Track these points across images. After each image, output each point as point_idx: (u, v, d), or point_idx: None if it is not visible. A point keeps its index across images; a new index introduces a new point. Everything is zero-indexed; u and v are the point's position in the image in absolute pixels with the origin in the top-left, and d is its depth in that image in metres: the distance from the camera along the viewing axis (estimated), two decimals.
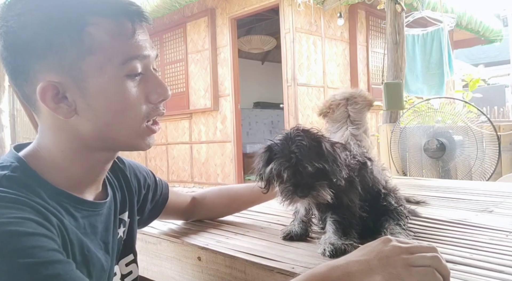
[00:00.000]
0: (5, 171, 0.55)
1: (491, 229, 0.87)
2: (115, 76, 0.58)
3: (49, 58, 0.55)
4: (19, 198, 0.51)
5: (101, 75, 0.57)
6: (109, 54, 0.57)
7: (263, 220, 1.02)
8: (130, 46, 0.58)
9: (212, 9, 5.25)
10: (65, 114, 0.57)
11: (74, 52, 0.56)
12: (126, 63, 0.58)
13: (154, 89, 0.62)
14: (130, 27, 0.59)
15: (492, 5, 6.83)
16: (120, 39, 0.58)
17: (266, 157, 0.72)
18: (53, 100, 0.56)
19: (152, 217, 0.91)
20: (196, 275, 0.82)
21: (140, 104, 0.61)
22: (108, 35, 0.57)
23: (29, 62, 0.56)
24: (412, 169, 2.83)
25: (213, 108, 5.27)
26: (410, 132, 2.82)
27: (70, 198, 0.60)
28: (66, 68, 0.56)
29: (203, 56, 5.38)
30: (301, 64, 4.71)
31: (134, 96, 0.60)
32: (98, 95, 0.58)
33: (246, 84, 6.65)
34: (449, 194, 1.32)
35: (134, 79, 0.60)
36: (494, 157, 2.48)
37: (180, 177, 5.77)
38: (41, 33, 0.55)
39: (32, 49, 0.55)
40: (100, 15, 0.57)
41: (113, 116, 0.59)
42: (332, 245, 0.72)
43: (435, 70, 4.76)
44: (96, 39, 0.56)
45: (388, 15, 3.40)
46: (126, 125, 0.61)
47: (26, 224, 0.47)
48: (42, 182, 0.57)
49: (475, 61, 9.65)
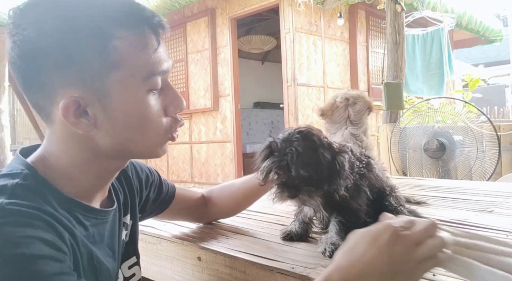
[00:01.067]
0: (17, 179, 0.53)
1: (491, 229, 0.87)
2: (137, 91, 0.57)
3: (70, 72, 0.53)
4: (32, 211, 0.49)
5: (123, 91, 0.55)
6: (133, 69, 0.55)
7: (263, 220, 1.02)
8: (153, 61, 0.57)
9: (212, 9, 5.25)
10: (85, 128, 0.56)
11: (98, 66, 0.53)
12: (149, 78, 0.57)
13: (171, 102, 0.62)
14: (155, 40, 0.57)
15: (492, 5, 6.83)
16: (144, 53, 0.56)
17: (265, 153, 0.72)
18: (74, 115, 0.54)
19: (154, 215, 0.90)
20: (196, 275, 0.82)
21: (159, 117, 0.60)
22: (133, 50, 0.55)
23: (48, 74, 0.53)
24: (412, 169, 2.83)
25: (213, 108, 5.27)
26: (410, 132, 2.82)
27: (80, 206, 0.59)
28: (89, 82, 0.54)
29: (203, 56, 5.38)
30: (301, 64, 4.71)
31: (154, 110, 0.59)
32: (120, 110, 0.56)
33: (246, 84, 6.65)
34: (449, 194, 1.32)
35: (155, 94, 0.59)
36: (494, 157, 2.48)
37: (180, 177, 5.77)
38: (62, 45, 0.52)
39: (52, 61, 0.52)
40: (125, 27, 0.54)
41: (133, 131, 0.58)
42: (333, 245, 0.72)
43: (435, 70, 4.76)
44: (122, 54, 0.54)
45: (388, 15, 3.40)
46: (146, 138, 0.60)
47: (35, 245, 0.47)
48: (52, 190, 0.55)
49: (475, 61, 9.65)
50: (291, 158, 0.68)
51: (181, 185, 5.99)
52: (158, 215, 0.91)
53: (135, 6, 0.57)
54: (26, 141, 7.36)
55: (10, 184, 0.52)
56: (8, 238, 0.45)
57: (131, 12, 0.56)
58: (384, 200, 0.82)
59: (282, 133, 0.73)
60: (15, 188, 0.51)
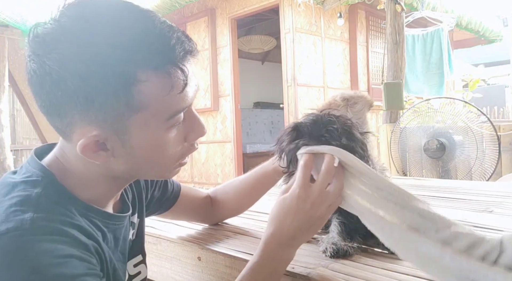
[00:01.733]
0: (38, 188, 0.53)
1: (491, 229, 0.87)
2: (159, 130, 0.55)
3: (90, 111, 0.51)
4: (61, 228, 0.50)
5: (144, 130, 0.54)
6: (157, 111, 0.53)
7: (263, 220, 1.02)
8: (178, 101, 0.54)
9: (212, 9, 5.25)
10: (102, 160, 0.55)
11: (119, 109, 0.51)
12: (172, 118, 0.55)
13: (193, 129, 0.61)
14: (182, 78, 0.53)
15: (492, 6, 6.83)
16: (170, 95, 0.52)
17: (292, 136, 0.70)
18: (92, 150, 0.54)
19: (158, 213, 0.89)
20: (196, 275, 0.82)
21: (178, 146, 0.59)
22: (158, 93, 0.51)
23: (68, 110, 0.51)
24: (412, 169, 2.83)
25: (213, 108, 5.27)
26: (410, 132, 2.83)
27: (98, 213, 0.59)
28: (109, 122, 0.52)
29: (203, 56, 5.38)
30: (301, 64, 4.70)
31: (173, 142, 0.58)
32: (139, 147, 0.55)
33: (246, 84, 6.65)
34: (449, 194, 1.32)
35: (177, 127, 0.58)
36: (494, 157, 2.48)
37: (180, 177, 5.76)
38: (83, 86, 0.49)
39: (72, 99, 0.50)
40: (149, 68, 0.50)
41: (150, 162, 0.58)
42: (334, 245, 0.71)
43: (435, 70, 4.76)
44: (145, 97, 0.51)
45: (388, 15, 3.40)
46: (162, 166, 0.61)
47: (71, 263, 0.48)
48: (71, 198, 0.56)
49: (475, 61, 9.65)
50: (332, 137, 0.66)
51: None
52: (163, 214, 0.91)
53: (162, 42, 0.51)
54: (26, 141, 7.36)
55: (34, 194, 0.52)
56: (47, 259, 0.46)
57: (157, 51, 0.51)
58: None
59: (306, 116, 0.71)
60: (40, 200, 0.52)
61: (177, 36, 0.53)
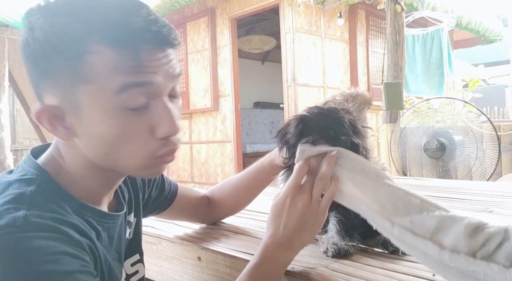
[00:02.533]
0: (33, 186, 0.53)
1: None
2: (109, 107, 0.52)
3: (48, 80, 0.53)
4: (54, 225, 0.50)
5: (94, 105, 0.52)
6: (106, 85, 0.51)
7: (263, 220, 1.02)
8: (128, 73, 0.52)
9: (212, 9, 5.25)
10: (63, 136, 0.55)
11: (68, 78, 0.52)
12: (121, 92, 0.51)
13: (160, 124, 0.55)
14: (136, 53, 0.52)
15: (492, 6, 6.82)
16: (119, 67, 0.51)
17: (299, 129, 0.70)
18: (49, 122, 0.54)
19: (156, 213, 0.89)
20: (196, 275, 0.82)
21: (142, 138, 0.55)
22: (107, 65, 0.51)
23: (35, 80, 0.55)
24: (412, 169, 2.83)
25: (213, 108, 5.27)
26: (410, 132, 2.83)
27: (93, 211, 0.59)
28: (62, 92, 0.53)
29: (203, 56, 5.38)
30: (301, 64, 4.70)
31: (132, 130, 0.54)
32: (92, 125, 0.53)
33: (246, 84, 6.65)
34: (449, 194, 1.31)
35: (135, 111, 0.53)
36: (494, 157, 2.48)
37: (180, 177, 5.76)
38: (42, 54, 0.52)
39: (37, 67, 0.54)
40: (105, 42, 0.51)
41: (109, 148, 0.55)
42: (335, 245, 0.71)
43: (435, 70, 4.77)
44: (93, 69, 0.51)
45: (388, 15, 3.40)
46: (127, 157, 0.56)
47: (64, 260, 0.48)
48: (65, 196, 0.56)
49: (475, 61, 9.65)
50: (340, 129, 0.67)
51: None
52: (161, 214, 0.91)
53: (124, 20, 0.51)
54: (26, 141, 7.36)
55: (28, 192, 0.52)
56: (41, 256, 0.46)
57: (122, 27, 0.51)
58: None
59: (310, 109, 0.71)
60: (33, 197, 0.52)
61: (150, 20, 0.53)
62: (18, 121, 7.39)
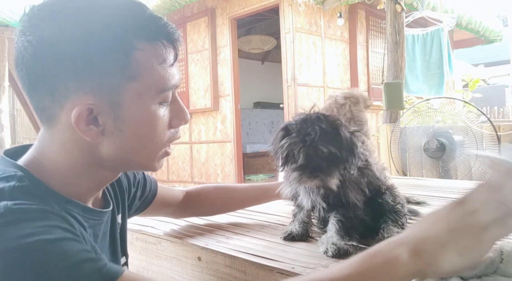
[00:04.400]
0: (13, 181, 0.51)
1: None
2: (150, 103, 0.57)
3: (87, 78, 0.52)
4: (39, 207, 0.49)
5: (137, 102, 0.55)
6: (150, 82, 0.55)
7: (263, 220, 1.02)
8: (168, 76, 0.57)
9: (212, 9, 5.25)
10: (93, 136, 0.55)
11: (118, 76, 0.53)
12: (162, 93, 0.57)
13: (177, 115, 0.62)
14: (172, 54, 0.57)
15: (492, 5, 6.83)
16: (162, 67, 0.56)
17: (281, 135, 0.72)
18: (85, 122, 0.54)
19: (137, 213, 0.89)
20: (196, 275, 0.82)
21: (164, 130, 0.60)
22: (152, 63, 0.55)
23: (64, 79, 0.52)
24: (412, 169, 2.83)
25: (213, 108, 5.27)
26: (410, 132, 2.83)
27: (79, 207, 0.58)
28: (105, 91, 0.53)
29: (203, 56, 5.38)
30: (301, 64, 4.70)
31: (162, 122, 0.59)
32: (131, 121, 0.56)
33: (246, 84, 6.65)
34: (449, 194, 1.31)
35: (164, 107, 0.59)
36: None
37: (180, 177, 5.77)
38: (84, 51, 0.51)
39: (70, 65, 0.51)
40: (145, 39, 0.54)
41: (139, 141, 0.58)
42: (334, 245, 0.71)
43: (435, 70, 4.77)
44: (141, 66, 0.54)
45: (388, 15, 3.40)
46: (150, 149, 0.60)
47: (53, 231, 0.47)
48: (49, 192, 0.54)
49: (475, 61, 9.65)
50: (317, 136, 0.68)
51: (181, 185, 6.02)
52: (142, 213, 0.90)
53: (155, 19, 0.56)
54: (26, 141, 7.36)
55: (7, 187, 0.50)
56: (27, 230, 0.45)
57: (152, 24, 0.55)
58: (380, 198, 0.82)
59: (297, 116, 0.73)
60: (13, 191, 0.50)
61: (171, 23, 0.58)
62: (18, 121, 7.39)
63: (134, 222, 0.96)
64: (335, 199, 0.76)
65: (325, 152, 0.68)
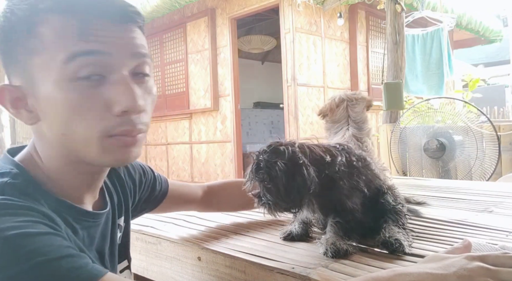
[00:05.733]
0: (6, 178, 0.51)
1: (491, 229, 0.87)
2: (60, 78, 0.50)
3: (8, 60, 0.54)
4: (25, 204, 0.48)
5: (46, 77, 0.51)
6: (54, 53, 0.50)
7: (263, 220, 1.02)
8: (77, 41, 0.50)
9: (212, 9, 5.25)
10: (26, 120, 0.54)
11: (21, 52, 0.52)
12: (70, 61, 0.50)
13: (116, 97, 0.52)
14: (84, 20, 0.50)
15: (492, 5, 6.83)
16: (67, 34, 0.50)
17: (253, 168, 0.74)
18: (11, 104, 0.53)
19: (147, 211, 0.89)
20: (196, 275, 0.82)
21: (96, 113, 0.52)
22: (55, 33, 0.50)
23: (4, 65, 0.55)
24: (412, 169, 2.83)
25: (213, 108, 5.27)
26: (410, 132, 2.83)
27: (70, 208, 0.56)
28: (21, 70, 0.53)
29: (203, 56, 5.38)
30: (301, 64, 4.70)
31: (85, 103, 0.51)
32: (46, 101, 0.51)
33: (246, 84, 6.65)
34: (449, 194, 1.32)
35: (86, 82, 0.51)
36: (494, 157, 2.48)
37: (180, 177, 5.76)
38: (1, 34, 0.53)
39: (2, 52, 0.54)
40: (55, 11, 0.51)
41: (65, 126, 0.52)
42: (334, 245, 0.71)
43: (434, 70, 4.76)
44: (42, 38, 0.50)
45: (388, 15, 3.40)
46: (80, 137, 0.53)
47: (36, 226, 0.46)
48: (41, 191, 0.54)
49: (475, 61, 9.65)
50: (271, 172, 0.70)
51: None
52: (151, 211, 0.90)
53: None
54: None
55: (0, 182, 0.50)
56: (9, 224, 0.44)
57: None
58: (381, 198, 0.82)
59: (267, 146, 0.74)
60: (4, 187, 0.50)
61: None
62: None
63: (134, 222, 0.96)
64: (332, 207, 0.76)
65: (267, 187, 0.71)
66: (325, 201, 0.76)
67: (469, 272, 0.50)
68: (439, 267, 0.52)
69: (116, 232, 0.70)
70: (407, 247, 0.72)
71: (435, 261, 0.54)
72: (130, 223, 0.78)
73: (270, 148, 0.72)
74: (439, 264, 0.53)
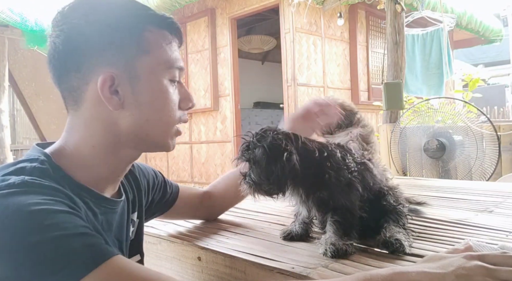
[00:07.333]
0: (35, 163, 0.58)
1: (491, 229, 0.87)
2: (161, 77, 0.66)
3: (109, 53, 0.62)
4: (52, 185, 0.54)
5: (151, 75, 0.64)
6: (159, 58, 0.65)
7: (263, 220, 1.02)
8: (174, 56, 0.68)
9: (212, 9, 5.25)
10: (114, 105, 0.62)
11: (132, 49, 0.63)
12: (170, 69, 0.67)
13: (184, 98, 0.71)
14: (177, 41, 0.70)
15: (492, 5, 6.83)
16: (168, 48, 0.67)
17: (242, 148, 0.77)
18: (109, 90, 0.62)
19: (159, 214, 0.92)
20: (196, 275, 0.82)
21: (175, 107, 0.69)
22: (160, 42, 0.66)
23: (88, 56, 0.62)
24: (412, 169, 2.83)
25: (213, 108, 5.27)
26: (410, 132, 2.83)
27: (91, 193, 0.63)
28: (123, 63, 0.62)
29: (203, 56, 5.38)
30: (301, 64, 4.71)
31: (173, 98, 0.68)
32: (146, 92, 0.64)
33: (246, 84, 6.65)
34: (449, 194, 1.32)
35: (173, 85, 0.68)
36: (494, 157, 2.48)
37: (180, 177, 5.76)
38: (105, 31, 0.61)
39: (94, 44, 0.61)
40: (154, 25, 0.66)
41: (154, 113, 0.65)
42: (333, 245, 0.72)
43: (434, 70, 4.76)
44: (151, 43, 0.64)
45: (388, 15, 3.40)
46: (162, 123, 0.67)
47: (58, 204, 0.51)
48: (66, 177, 0.60)
49: (475, 61, 9.65)
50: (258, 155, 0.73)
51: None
52: (161, 216, 0.94)
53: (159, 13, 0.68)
54: (26, 141, 7.36)
55: (28, 166, 0.57)
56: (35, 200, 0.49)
57: (158, 15, 0.67)
58: (383, 200, 0.82)
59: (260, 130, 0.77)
60: (33, 170, 0.56)
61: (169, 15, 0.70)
62: (18, 121, 7.39)
63: None
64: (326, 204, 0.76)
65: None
66: (318, 196, 0.76)
67: (467, 271, 0.51)
68: (438, 267, 0.53)
69: (130, 225, 0.74)
70: (408, 247, 0.72)
71: (434, 261, 0.55)
72: (143, 219, 0.82)
73: (261, 131, 0.76)
74: (437, 263, 0.54)
